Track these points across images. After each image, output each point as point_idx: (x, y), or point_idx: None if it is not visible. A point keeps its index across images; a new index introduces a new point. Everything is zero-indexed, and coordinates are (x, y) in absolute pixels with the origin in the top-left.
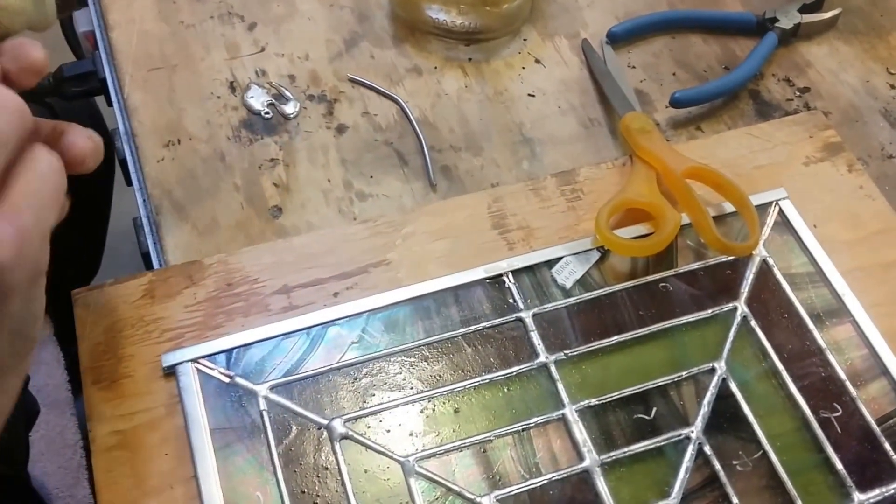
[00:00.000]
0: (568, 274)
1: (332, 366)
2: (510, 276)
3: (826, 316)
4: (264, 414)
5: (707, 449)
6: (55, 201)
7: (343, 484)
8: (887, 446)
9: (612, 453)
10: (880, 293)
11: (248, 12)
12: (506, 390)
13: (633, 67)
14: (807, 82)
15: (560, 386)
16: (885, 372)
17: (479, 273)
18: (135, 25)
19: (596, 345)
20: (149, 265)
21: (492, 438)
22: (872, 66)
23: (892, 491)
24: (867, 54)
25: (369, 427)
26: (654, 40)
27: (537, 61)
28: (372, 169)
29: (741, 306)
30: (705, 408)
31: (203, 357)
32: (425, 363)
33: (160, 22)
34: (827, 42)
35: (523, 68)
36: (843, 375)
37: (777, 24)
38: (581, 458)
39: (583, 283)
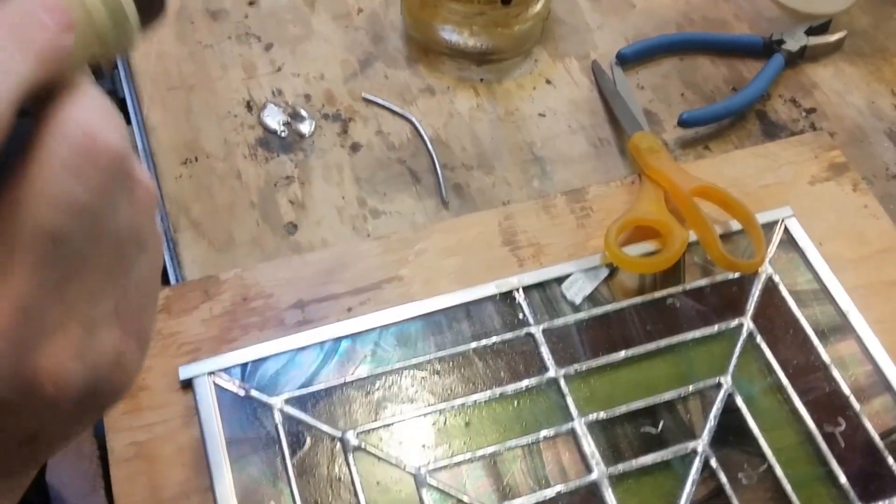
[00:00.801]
0: (577, 290)
1: (346, 379)
2: (520, 291)
3: (830, 332)
4: (279, 426)
5: (713, 462)
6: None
7: (356, 495)
8: (890, 460)
9: (619, 466)
10: (884, 310)
11: (265, 33)
12: (516, 404)
13: (642, 88)
14: (813, 103)
15: (569, 400)
16: (889, 388)
17: (490, 289)
18: (154, 45)
19: (604, 359)
20: (165, 280)
21: (502, 451)
22: (877, 87)
23: None
24: (872, 76)
25: (382, 439)
26: (662, 61)
27: (548, 82)
28: (385, 187)
29: (747, 322)
30: (711, 422)
31: (219, 370)
32: (437, 377)
33: (179, 42)
34: (833, 64)
35: (534, 89)
36: (847, 390)
37: (784, 47)
38: (589, 470)
39: (592, 298)
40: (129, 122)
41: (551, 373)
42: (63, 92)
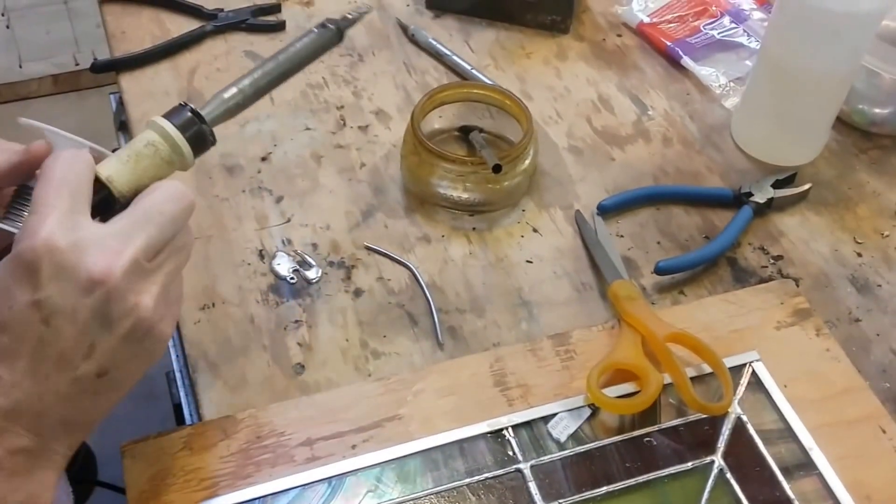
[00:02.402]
0: (562, 429)
1: None
2: (510, 430)
3: (795, 469)
4: None
5: None
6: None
7: None
8: None
9: None
10: (844, 448)
11: (276, 186)
12: None
13: (622, 236)
14: (780, 250)
15: None
16: None
17: (482, 427)
18: None
19: (587, 494)
20: (179, 415)
21: None
22: (841, 235)
23: None
24: (836, 224)
25: None
26: (640, 212)
27: (535, 230)
28: (385, 329)
29: (718, 460)
30: None
31: None
32: None
33: (197, 195)
34: (799, 213)
35: (522, 237)
36: None
37: (752, 199)
38: None
39: (576, 437)
40: None
41: None
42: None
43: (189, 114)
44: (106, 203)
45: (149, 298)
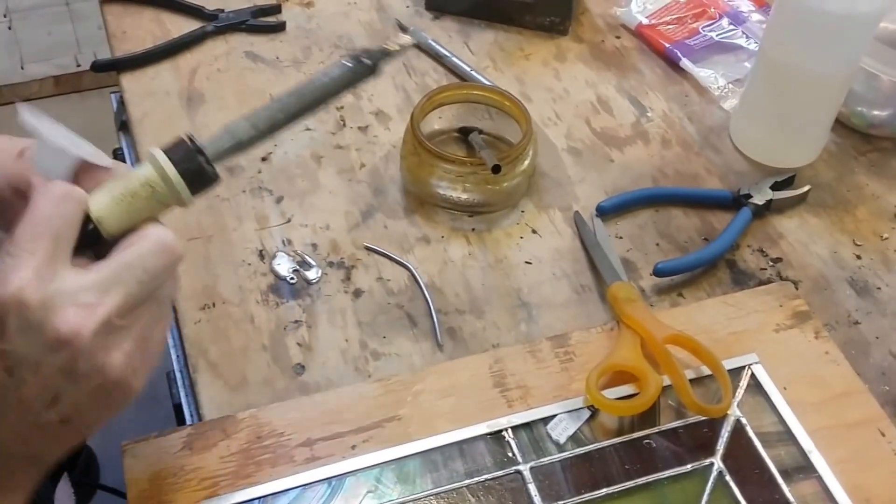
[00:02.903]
0: (562, 430)
1: None
2: (510, 431)
3: (794, 472)
4: None
5: None
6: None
7: None
8: None
9: None
10: (844, 451)
11: (277, 187)
12: None
13: (621, 238)
14: (779, 253)
15: None
16: None
17: (481, 429)
18: None
19: (587, 496)
20: (179, 415)
21: None
22: (840, 237)
23: None
24: (835, 227)
25: None
26: (639, 213)
27: (534, 231)
28: (385, 330)
29: (717, 462)
30: None
31: None
32: None
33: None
34: (798, 215)
35: (521, 238)
36: None
37: (751, 200)
38: None
39: (575, 438)
40: None
41: None
42: (147, 224)
43: (192, 152)
44: (92, 237)
45: (119, 355)
